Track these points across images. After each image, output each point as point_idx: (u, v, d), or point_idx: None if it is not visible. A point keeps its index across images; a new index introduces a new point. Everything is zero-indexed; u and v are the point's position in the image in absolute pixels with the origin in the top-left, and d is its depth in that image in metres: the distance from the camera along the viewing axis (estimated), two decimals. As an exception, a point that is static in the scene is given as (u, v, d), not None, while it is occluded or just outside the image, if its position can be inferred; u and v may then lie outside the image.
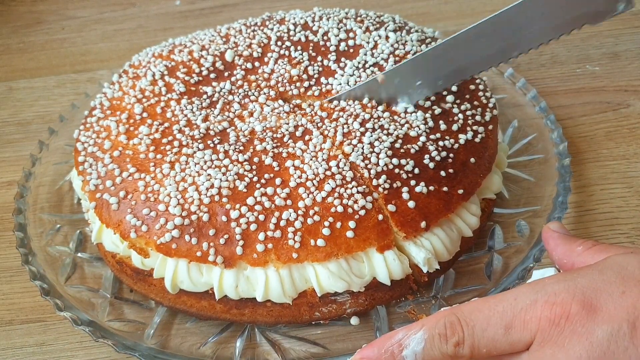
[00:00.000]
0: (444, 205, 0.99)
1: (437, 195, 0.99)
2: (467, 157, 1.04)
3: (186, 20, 1.81)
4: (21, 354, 1.03)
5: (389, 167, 0.99)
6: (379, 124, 1.06)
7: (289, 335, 1.01)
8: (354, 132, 1.04)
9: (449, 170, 1.01)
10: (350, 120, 1.06)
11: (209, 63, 1.19)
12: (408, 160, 1.00)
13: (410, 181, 0.99)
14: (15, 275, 1.15)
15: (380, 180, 0.98)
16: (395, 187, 0.98)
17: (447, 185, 1.00)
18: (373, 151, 1.01)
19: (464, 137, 1.06)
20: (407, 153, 1.02)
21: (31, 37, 1.78)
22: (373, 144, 1.02)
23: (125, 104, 1.14)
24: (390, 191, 0.98)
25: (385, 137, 1.03)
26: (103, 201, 1.01)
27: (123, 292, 1.09)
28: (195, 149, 1.04)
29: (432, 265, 0.98)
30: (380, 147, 1.02)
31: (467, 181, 1.02)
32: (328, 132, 1.05)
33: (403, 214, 0.97)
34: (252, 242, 0.92)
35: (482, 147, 1.07)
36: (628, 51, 1.54)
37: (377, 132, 1.04)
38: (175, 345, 1.00)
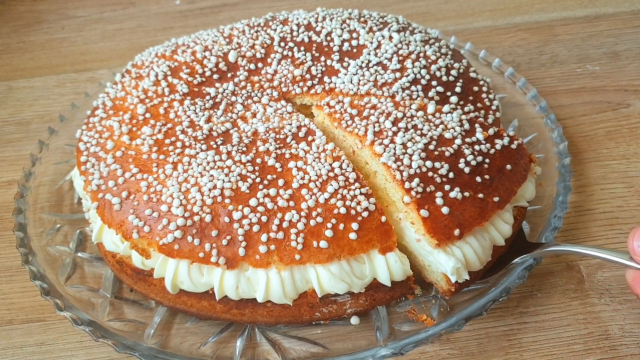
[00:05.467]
0: (479, 213, 0.95)
1: (472, 202, 0.95)
2: (504, 164, 1.01)
3: (186, 19, 1.81)
4: (21, 354, 1.03)
5: (422, 169, 0.96)
6: (412, 123, 1.03)
7: (289, 335, 1.01)
8: (385, 131, 1.02)
9: (485, 176, 0.98)
10: (382, 119, 1.03)
11: (212, 64, 1.19)
12: (442, 163, 0.97)
13: (444, 185, 0.96)
14: (15, 275, 1.15)
15: (413, 184, 0.95)
16: (428, 191, 0.95)
17: (483, 192, 0.97)
18: (406, 152, 0.98)
19: (500, 143, 1.03)
20: (442, 156, 0.98)
21: (31, 36, 1.77)
22: (406, 145, 0.99)
23: (128, 104, 1.14)
24: (423, 195, 0.94)
25: (418, 138, 1.00)
26: (105, 201, 1.00)
27: (123, 291, 1.09)
28: (198, 150, 1.04)
29: (461, 275, 0.94)
30: (413, 149, 0.98)
31: (502, 188, 0.99)
32: (358, 131, 1.03)
33: (436, 220, 0.93)
34: (255, 243, 0.92)
35: (518, 154, 1.03)
36: (628, 51, 1.55)
37: (410, 132, 1.01)
38: (175, 345, 1.00)
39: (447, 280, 0.96)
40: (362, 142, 1.01)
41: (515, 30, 1.66)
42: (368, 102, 1.08)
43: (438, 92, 1.13)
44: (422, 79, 1.14)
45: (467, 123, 1.03)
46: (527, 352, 0.98)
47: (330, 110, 1.08)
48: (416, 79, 1.14)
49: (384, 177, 0.98)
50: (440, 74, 1.16)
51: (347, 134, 1.04)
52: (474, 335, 1.01)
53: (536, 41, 1.61)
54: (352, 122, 1.04)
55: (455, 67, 1.19)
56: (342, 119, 1.06)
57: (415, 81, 1.14)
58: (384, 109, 1.05)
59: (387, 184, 0.98)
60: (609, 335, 0.99)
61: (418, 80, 1.14)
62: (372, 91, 1.11)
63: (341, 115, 1.06)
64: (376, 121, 1.03)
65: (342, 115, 1.06)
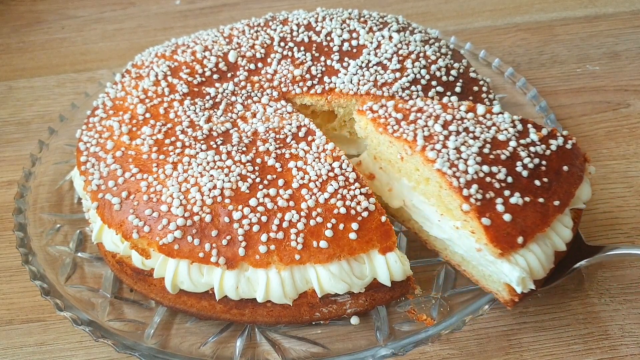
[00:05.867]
0: (541, 219, 0.91)
1: (533, 207, 0.91)
2: (560, 165, 0.97)
3: (186, 19, 1.81)
4: (21, 354, 1.03)
5: (479, 175, 0.92)
6: (464, 126, 0.99)
7: (289, 335, 1.01)
8: (436, 135, 0.97)
9: (543, 179, 0.94)
10: (431, 122, 0.99)
11: (212, 64, 1.19)
12: (500, 167, 0.93)
13: (503, 191, 0.91)
14: (15, 275, 1.15)
15: (472, 190, 0.91)
16: (488, 197, 0.91)
17: (543, 196, 0.93)
18: (460, 157, 0.94)
19: (555, 143, 0.99)
20: (498, 159, 0.94)
21: (31, 36, 1.77)
22: (459, 149, 0.95)
23: (128, 104, 1.14)
24: (483, 202, 0.90)
25: (472, 141, 0.96)
26: (105, 201, 1.00)
27: (123, 291, 1.09)
28: (198, 150, 1.04)
29: (527, 285, 0.91)
30: (467, 153, 0.94)
31: (561, 191, 0.95)
32: (407, 136, 0.98)
33: (498, 229, 0.89)
34: (255, 243, 0.92)
35: (573, 154, 1.00)
36: (628, 51, 1.55)
37: (462, 136, 0.97)
38: (175, 345, 1.00)
39: (510, 290, 0.93)
40: (411, 148, 0.96)
41: (515, 30, 1.66)
42: (413, 105, 1.04)
43: (438, 92, 1.13)
44: (422, 79, 1.14)
45: (519, 124, 1.00)
46: (527, 352, 0.98)
47: (374, 115, 1.04)
48: (416, 79, 1.14)
49: (438, 184, 0.94)
50: (440, 74, 1.16)
51: (395, 139, 0.99)
52: (474, 335, 1.01)
53: (536, 41, 1.61)
54: (398, 126, 1.00)
55: (455, 67, 1.19)
56: (387, 124, 1.01)
57: (415, 81, 1.14)
58: (432, 111, 1.01)
59: (442, 191, 0.94)
60: (609, 335, 0.99)
61: (418, 80, 1.14)
62: (372, 91, 1.11)
63: (386, 120, 1.02)
64: (424, 125, 0.99)
65: (387, 120, 1.02)
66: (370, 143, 1.05)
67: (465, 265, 1.02)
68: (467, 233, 0.93)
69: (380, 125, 1.02)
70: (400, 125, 1.00)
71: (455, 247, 1.00)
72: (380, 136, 1.02)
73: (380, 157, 1.05)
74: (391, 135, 0.99)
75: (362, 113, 1.06)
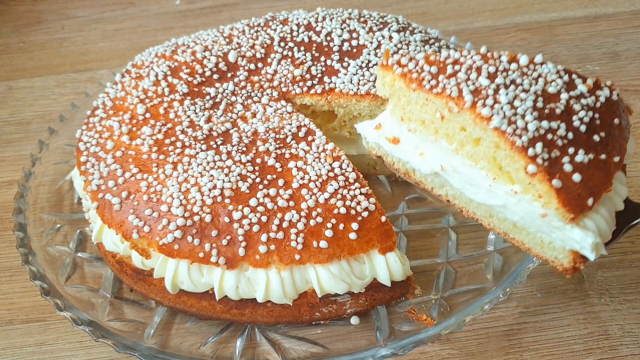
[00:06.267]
0: (605, 177, 0.82)
1: (597, 165, 0.82)
2: (612, 118, 0.87)
3: (186, 19, 1.81)
4: (21, 354, 1.03)
5: (540, 132, 0.81)
6: (510, 78, 0.87)
7: (289, 335, 1.01)
8: (483, 89, 0.85)
9: (601, 134, 0.84)
10: (474, 75, 0.89)
11: (212, 64, 1.19)
12: (558, 122, 0.82)
13: (567, 148, 0.82)
14: (15, 275, 1.15)
15: (537, 149, 0.81)
16: (553, 156, 0.81)
17: (604, 152, 0.83)
18: (516, 113, 0.82)
19: (602, 94, 0.88)
20: (553, 114, 0.83)
21: (31, 36, 1.77)
22: (513, 104, 0.83)
23: (128, 104, 1.14)
24: (551, 162, 0.81)
25: (523, 95, 0.84)
26: (105, 201, 1.00)
27: (123, 291, 1.09)
28: (198, 150, 1.04)
29: (599, 250, 0.84)
30: (523, 108, 0.82)
31: (617, 146, 0.85)
32: (450, 91, 0.86)
33: (569, 191, 0.79)
34: (255, 243, 0.92)
35: (619, 106, 0.90)
36: (628, 51, 1.55)
37: (512, 89, 0.85)
38: (175, 345, 1.00)
39: (574, 257, 0.85)
40: (458, 105, 0.85)
41: (515, 30, 1.66)
42: (448, 57, 0.92)
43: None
44: (422, 79, 1.14)
45: (565, 74, 0.90)
46: (527, 352, 0.98)
47: (404, 70, 0.92)
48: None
49: (493, 144, 0.84)
50: (440, 74, 1.15)
51: (434, 96, 0.88)
52: (474, 335, 1.01)
53: (536, 41, 1.61)
54: (436, 81, 0.88)
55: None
56: (422, 79, 0.89)
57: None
58: (471, 63, 0.89)
59: (499, 152, 0.84)
60: (609, 335, 0.99)
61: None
62: (372, 91, 1.11)
63: (419, 74, 0.90)
64: (467, 78, 0.87)
65: (420, 75, 0.90)
66: (397, 103, 0.95)
67: (516, 233, 0.93)
68: (529, 198, 0.84)
69: (413, 80, 0.90)
70: (437, 79, 0.88)
71: (508, 213, 0.90)
72: (413, 93, 0.91)
73: (411, 117, 0.95)
74: (429, 92, 0.88)
75: (387, 68, 0.95)
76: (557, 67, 0.90)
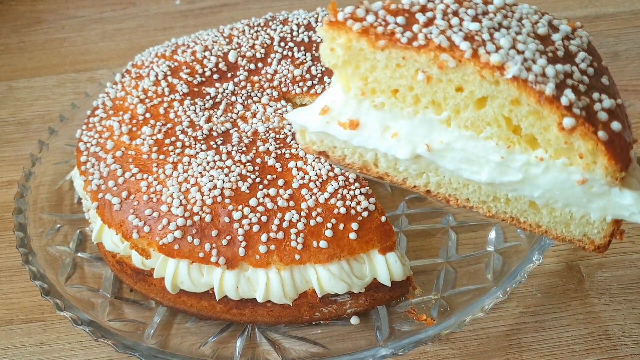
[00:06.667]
0: (629, 124, 0.70)
1: (622, 111, 0.70)
2: (599, 60, 0.77)
3: (186, 19, 1.81)
4: (21, 354, 1.02)
5: (560, 77, 0.66)
6: (496, 20, 0.72)
7: (289, 335, 1.01)
8: (476, 34, 0.69)
9: (604, 77, 0.73)
10: (455, 20, 0.71)
11: (212, 64, 1.19)
12: (570, 66, 0.69)
13: (592, 94, 0.67)
14: (15, 275, 1.15)
15: (571, 97, 0.64)
16: (584, 104, 0.66)
17: (617, 96, 0.71)
18: (526, 58, 0.67)
19: (583, 35, 0.78)
20: (558, 57, 0.69)
21: (31, 36, 1.77)
22: (517, 48, 0.68)
23: (128, 104, 1.14)
24: (587, 111, 0.65)
25: (520, 38, 0.69)
26: (105, 201, 1.00)
27: (123, 291, 1.09)
28: (198, 150, 1.04)
29: None
30: (530, 51, 0.68)
31: (616, 89, 0.75)
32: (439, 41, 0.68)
33: (614, 143, 0.65)
34: (255, 243, 0.92)
35: (594, 47, 0.79)
36: (628, 51, 1.55)
37: (504, 32, 0.70)
38: (175, 345, 1.00)
39: (612, 230, 0.73)
40: (454, 56, 0.68)
41: (515, 30, 1.66)
42: (412, 3, 0.74)
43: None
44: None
45: (543, 15, 0.77)
46: (527, 352, 0.98)
47: (364, 25, 0.72)
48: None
49: (508, 100, 0.69)
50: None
51: (414, 51, 0.69)
52: (474, 335, 1.01)
53: (536, 41, 1.61)
54: (410, 33, 0.70)
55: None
56: (392, 32, 0.71)
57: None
58: (444, 7, 0.73)
59: (518, 110, 0.69)
60: (609, 335, 0.99)
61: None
62: None
63: (385, 27, 0.72)
64: (449, 25, 0.70)
65: (386, 28, 0.72)
66: (355, 72, 0.76)
67: (530, 214, 0.78)
68: (561, 163, 0.69)
69: (380, 36, 0.71)
70: (412, 31, 0.70)
71: (526, 190, 0.74)
72: (380, 54, 0.72)
73: (377, 88, 0.76)
74: (407, 47, 0.70)
75: (338, 26, 0.73)
76: (533, 7, 0.77)
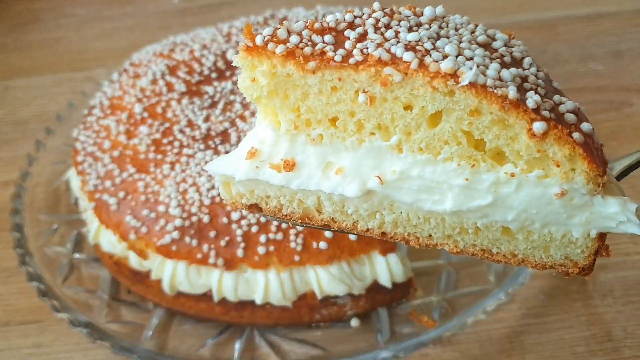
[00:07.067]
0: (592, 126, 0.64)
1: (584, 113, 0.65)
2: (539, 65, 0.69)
3: (184, 17, 1.80)
4: (18, 355, 1.02)
5: (517, 81, 0.61)
6: (433, 30, 0.66)
7: (289, 337, 1.00)
8: (417, 45, 0.63)
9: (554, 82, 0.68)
10: (390, 33, 0.64)
11: (210, 62, 1.19)
12: (522, 70, 0.64)
13: (553, 97, 0.62)
14: (12, 276, 1.14)
15: (537, 99, 0.59)
16: (550, 107, 0.60)
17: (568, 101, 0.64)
18: (478, 64, 0.61)
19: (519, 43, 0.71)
20: (507, 63, 0.65)
21: (28, 35, 1.77)
22: (464, 55, 0.62)
23: (125, 103, 1.13)
24: (556, 114, 0.60)
25: (465, 45, 0.64)
26: (102, 202, 1.00)
27: (121, 293, 1.08)
28: (196, 150, 1.03)
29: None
30: (479, 57, 0.62)
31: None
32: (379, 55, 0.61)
33: (589, 146, 0.60)
34: (254, 244, 0.92)
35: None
36: (631, 50, 1.54)
37: (446, 40, 0.64)
38: (174, 347, 0.99)
39: (591, 248, 0.66)
40: (399, 69, 0.60)
41: (517, 28, 1.65)
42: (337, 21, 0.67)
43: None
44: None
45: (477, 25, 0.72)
46: (529, 354, 0.97)
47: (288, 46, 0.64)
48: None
49: (466, 112, 0.61)
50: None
51: (351, 69, 0.62)
52: (475, 337, 1.00)
53: (538, 40, 1.60)
54: (343, 50, 0.63)
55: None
56: (322, 51, 0.63)
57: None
58: (374, 22, 0.66)
59: (479, 121, 0.61)
60: (612, 337, 0.98)
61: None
62: None
63: (313, 47, 0.64)
64: (383, 39, 0.63)
65: (314, 49, 0.64)
66: (284, 102, 0.67)
67: (504, 243, 0.69)
68: (535, 176, 0.63)
69: (309, 57, 0.63)
70: (344, 47, 0.63)
71: (497, 214, 0.66)
72: (312, 78, 0.64)
73: (313, 118, 0.67)
74: (342, 66, 0.62)
75: (258, 51, 0.65)
76: (464, 17, 0.72)
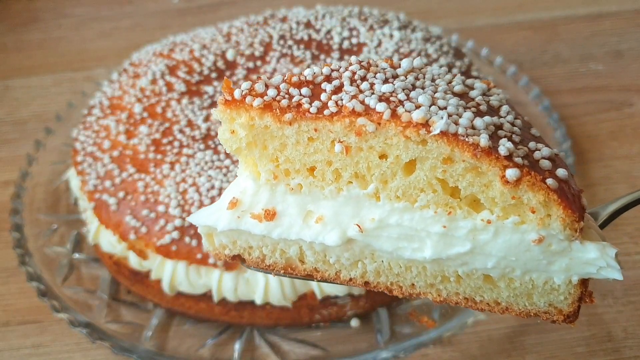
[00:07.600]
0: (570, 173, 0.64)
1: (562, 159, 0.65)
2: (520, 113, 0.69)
3: (184, 17, 1.80)
4: (18, 356, 1.02)
5: (491, 129, 0.62)
6: (408, 81, 0.67)
7: (289, 337, 1.00)
8: (391, 95, 0.64)
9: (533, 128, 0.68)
10: (365, 85, 0.65)
11: (210, 62, 1.18)
12: (497, 119, 0.65)
13: (528, 144, 0.63)
14: (11, 276, 1.14)
15: (509, 146, 0.60)
16: (525, 154, 0.61)
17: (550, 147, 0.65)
18: (451, 114, 0.62)
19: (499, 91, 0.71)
20: (483, 111, 0.65)
21: (28, 35, 1.77)
22: (438, 105, 0.63)
23: (125, 103, 1.13)
24: (530, 161, 0.60)
25: (439, 95, 0.65)
26: (102, 202, 0.99)
27: (120, 293, 1.08)
28: (196, 150, 1.03)
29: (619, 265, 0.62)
30: (453, 106, 0.63)
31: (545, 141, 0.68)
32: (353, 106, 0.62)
33: (564, 191, 0.60)
34: (254, 244, 0.91)
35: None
36: (631, 50, 1.54)
37: (421, 91, 0.65)
38: (173, 347, 0.99)
39: (579, 293, 0.66)
40: (372, 120, 0.62)
41: (518, 28, 1.65)
42: (314, 74, 0.68)
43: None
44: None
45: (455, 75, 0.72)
46: (529, 355, 0.97)
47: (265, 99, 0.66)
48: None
49: (439, 160, 0.62)
50: (441, 72, 1.14)
51: (327, 120, 0.64)
52: (475, 337, 1.00)
53: (539, 39, 1.60)
54: (319, 102, 0.65)
55: (456, 66, 1.18)
56: (298, 104, 0.65)
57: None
58: (350, 75, 0.68)
59: (453, 168, 0.62)
60: (612, 337, 0.98)
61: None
62: None
63: (290, 100, 0.66)
64: (358, 91, 0.65)
65: (291, 101, 0.66)
66: (263, 153, 0.69)
67: (487, 291, 0.70)
68: (511, 223, 0.63)
69: (286, 109, 0.65)
70: (320, 100, 0.65)
71: (477, 261, 0.67)
72: (289, 129, 0.66)
73: (292, 168, 0.69)
74: (318, 117, 0.64)
75: (236, 105, 0.67)
76: (442, 68, 0.73)
